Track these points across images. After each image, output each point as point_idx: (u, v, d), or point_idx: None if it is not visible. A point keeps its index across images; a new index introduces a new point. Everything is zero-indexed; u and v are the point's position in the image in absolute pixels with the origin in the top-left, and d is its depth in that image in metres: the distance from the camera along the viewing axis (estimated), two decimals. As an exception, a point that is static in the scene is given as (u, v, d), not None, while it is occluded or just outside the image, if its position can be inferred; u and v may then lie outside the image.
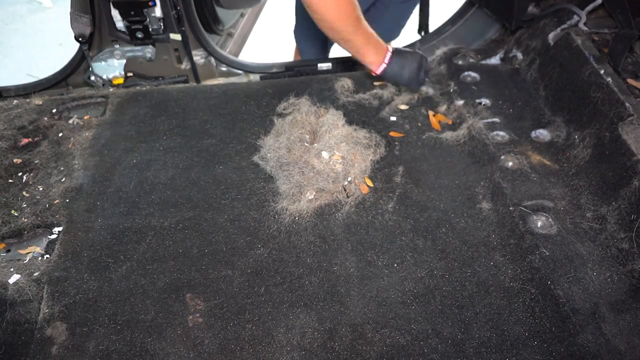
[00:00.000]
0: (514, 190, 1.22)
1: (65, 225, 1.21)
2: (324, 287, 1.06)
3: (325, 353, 0.95)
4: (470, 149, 1.36)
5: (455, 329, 0.98)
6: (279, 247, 1.14)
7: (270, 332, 0.99)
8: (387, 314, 1.01)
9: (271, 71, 1.86)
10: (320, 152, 1.25)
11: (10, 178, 1.34)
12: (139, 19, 1.69)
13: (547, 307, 1.00)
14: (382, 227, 1.18)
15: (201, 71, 1.88)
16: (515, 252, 1.11)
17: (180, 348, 0.97)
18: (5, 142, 1.44)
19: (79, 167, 1.36)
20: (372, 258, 1.12)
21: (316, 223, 1.19)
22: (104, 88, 1.78)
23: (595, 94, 1.28)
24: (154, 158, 1.39)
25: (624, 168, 1.13)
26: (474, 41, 1.86)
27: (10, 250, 1.17)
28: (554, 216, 1.16)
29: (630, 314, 0.98)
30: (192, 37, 1.80)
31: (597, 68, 1.30)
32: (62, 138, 1.47)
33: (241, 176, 1.32)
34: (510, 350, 0.94)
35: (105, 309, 1.04)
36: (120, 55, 1.83)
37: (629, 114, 1.17)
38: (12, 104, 1.60)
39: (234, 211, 1.23)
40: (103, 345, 0.97)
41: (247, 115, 1.52)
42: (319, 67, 1.84)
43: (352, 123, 1.40)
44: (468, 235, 1.16)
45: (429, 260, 1.11)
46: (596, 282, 1.04)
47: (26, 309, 1.04)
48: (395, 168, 1.33)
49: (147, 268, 1.11)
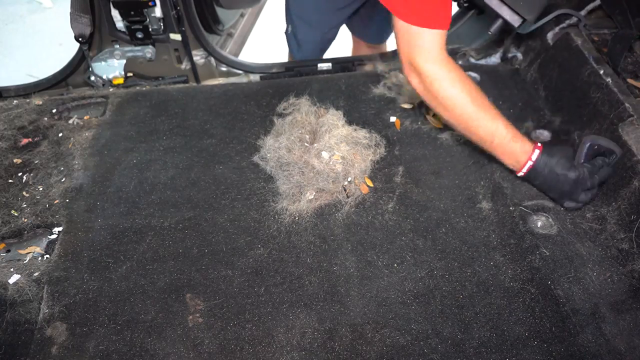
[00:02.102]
0: (514, 190, 1.22)
1: (65, 225, 1.21)
2: (324, 287, 1.06)
3: (325, 353, 0.95)
4: (470, 149, 1.36)
5: (455, 329, 0.98)
6: (279, 247, 1.14)
7: (270, 332, 0.99)
8: (387, 314, 1.01)
9: (271, 71, 1.86)
10: (320, 152, 1.25)
11: (10, 178, 1.34)
12: (139, 19, 1.69)
13: (547, 307, 1.00)
14: (382, 227, 1.18)
15: (201, 71, 1.88)
16: (515, 252, 1.11)
17: (180, 348, 0.97)
18: (5, 142, 1.44)
19: (79, 167, 1.36)
20: (372, 258, 1.12)
21: (316, 223, 1.19)
22: (104, 88, 1.78)
23: (595, 94, 1.28)
24: (154, 158, 1.39)
25: (624, 168, 1.13)
26: (474, 41, 1.86)
27: (10, 250, 1.17)
28: (554, 216, 1.16)
29: (630, 314, 0.98)
30: (192, 37, 1.80)
31: (597, 68, 1.30)
32: (62, 138, 1.47)
33: (241, 176, 1.32)
34: (510, 350, 0.94)
35: (105, 309, 1.04)
36: (120, 56, 1.83)
37: (629, 115, 1.17)
38: (12, 104, 1.60)
39: (234, 211, 1.23)
40: (103, 345, 0.97)
41: (247, 115, 1.52)
42: (319, 67, 1.84)
43: (352, 123, 1.39)
44: (468, 235, 1.16)
45: (429, 260, 1.11)
46: (596, 282, 1.04)
47: (26, 309, 1.04)
48: (395, 168, 1.33)
49: (147, 268, 1.11)
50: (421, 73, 1.15)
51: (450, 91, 1.14)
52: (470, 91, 1.15)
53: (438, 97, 1.16)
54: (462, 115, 1.16)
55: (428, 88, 1.16)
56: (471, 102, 1.14)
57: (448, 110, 1.17)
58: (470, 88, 1.15)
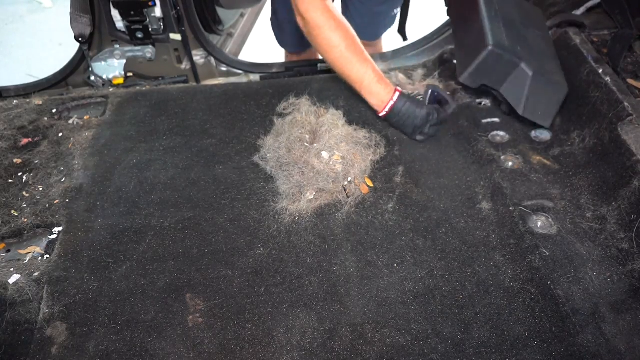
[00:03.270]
0: (514, 190, 1.22)
1: (65, 225, 1.21)
2: (324, 287, 1.06)
3: (325, 353, 0.95)
4: (470, 149, 1.36)
5: (455, 329, 0.98)
6: (279, 247, 1.14)
7: (270, 332, 0.99)
8: (387, 314, 1.01)
9: (271, 71, 1.86)
10: (320, 152, 1.25)
11: (10, 178, 1.34)
12: (139, 19, 1.69)
13: (547, 307, 1.00)
14: (382, 227, 1.18)
15: (201, 71, 1.89)
16: (515, 252, 1.11)
17: (180, 348, 0.97)
18: (5, 142, 1.44)
19: (79, 167, 1.36)
20: (372, 258, 1.12)
21: (316, 223, 1.19)
22: (104, 88, 1.78)
23: (595, 93, 1.28)
24: (154, 158, 1.39)
25: (624, 168, 1.13)
26: None
27: (10, 250, 1.17)
28: (554, 216, 1.16)
29: (630, 314, 0.98)
30: (192, 37, 1.80)
31: (596, 68, 1.30)
32: (62, 138, 1.47)
33: (241, 176, 1.32)
34: (510, 350, 0.94)
35: (105, 309, 1.04)
36: (120, 55, 1.83)
37: (628, 114, 1.17)
38: (12, 104, 1.60)
39: (234, 211, 1.23)
40: (103, 345, 0.97)
41: (247, 115, 1.52)
42: (319, 67, 1.84)
43: (352, 123, 1.40)
44: (468, 235, 1.16)
45: (429, 260, 1.11)
46: (596, 282, 1.04)
47: (26, 309, 1.04)
48: (395, 168, 1.33)
49: (147, 268, 1.11)
50: (305, 19, 1.31)
51: (329, 36, 1.30)
52: (347, 38, 1.31)
53: (318, 40, 1.32)
54: (339, 58, 1.32)
55: (310, 32, 1.32)
56: (346, 47, 1.30)
57: (327, 53, 1.34)
58: (346, 35, 1.31)
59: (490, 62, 1.27)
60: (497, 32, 1.30)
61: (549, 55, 1.36)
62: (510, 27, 1.35)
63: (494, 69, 1.29)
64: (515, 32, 1.35)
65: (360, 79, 1.34)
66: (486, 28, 1.30)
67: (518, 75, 1.27)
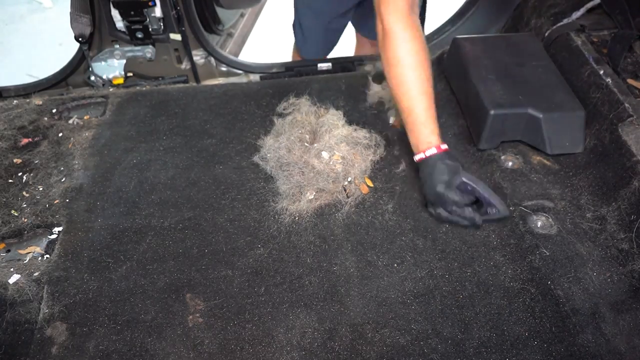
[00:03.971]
0: (514, 190, 1.22)
1: (65, 225, 1.21)
2: (324, 287, 1.06)
3: (325, 353, 0.95)
4: (470, 149, 1.36)
5: (455, 329, 0.98)
6: (279, 247, 1.14)
7: (270, 332, 0.99)
8: (387, 314, 1.01)
9: (271, 71, 1.86)
10: (320, 152, 1.25)
11: (10, 178, 1.34)
12: (139, 19, 1.69)
13: (547, 307, 1.00)
14: (382, 227, 1.18)
15: (201, 71, 1.89)
16: (515, 252, 1.11)
17: (180, 348, 0.97)
18: (5, 142, 1.44)
19: (79, 167, 1.36)
20: (372, 258, 1.12)
21: (316, 223, 1.19)
22: (104, 88, 1.78)
23: (595, 94, 1.28)
24: (154, 158, 1.39)
25: (624, 168, 1.13)
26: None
27: (10, 250, 1.17)
28: (554, 216, 1.16)
29: (630, 314, 0.98)
30: (192, 37, 1.80)
31: (597, 68, 1.30)
32: (62, 138, 1.47)
33: (241, 176, 1.32)
34: (510, 350, 0.94)
35: (105, 309, 1.04)
36: (120, 55, 1.83)
37: (628, 115, 1.17)
38: (12, 104, 1.60)
39: (234, 211, 1.23)
40: (103, 345, 0.97)
41: (247, 115, 1.52)
42: (319, 67, 1.84)
43: (352, 123, 1.39)
44: (468, 235, 1.16)
45: (429, 260, 1.11)
46: (596, 282, 1.04)
47: (26, 309, 1.04)
48: (395, 168, 1.33)
49: (147, 268, 1.11)
50: (385, 27, 1.17)
51: (400, 51, 1.15)
52: (418, 60, 1.15)
53: (388, 51, 1.17)
54: (399, 76, 1.17)
55: (383, 40, 1.18)
56: (413, 69, 1.15)
57: (389, 65, 1.18)
58: (420, 58, 1.16)
59: (498, 124, 1.27)
60: (493, 92, 1.29)
61: (554, 83, 1.34)
62: (505, 77, 1.34)
63: (504, 127, 1.28)
64: (511, 80, 1.33)
65: (409, 109, 1.17)
66: (481, 94, 1.29)
67: (530, 121, 1.26)
